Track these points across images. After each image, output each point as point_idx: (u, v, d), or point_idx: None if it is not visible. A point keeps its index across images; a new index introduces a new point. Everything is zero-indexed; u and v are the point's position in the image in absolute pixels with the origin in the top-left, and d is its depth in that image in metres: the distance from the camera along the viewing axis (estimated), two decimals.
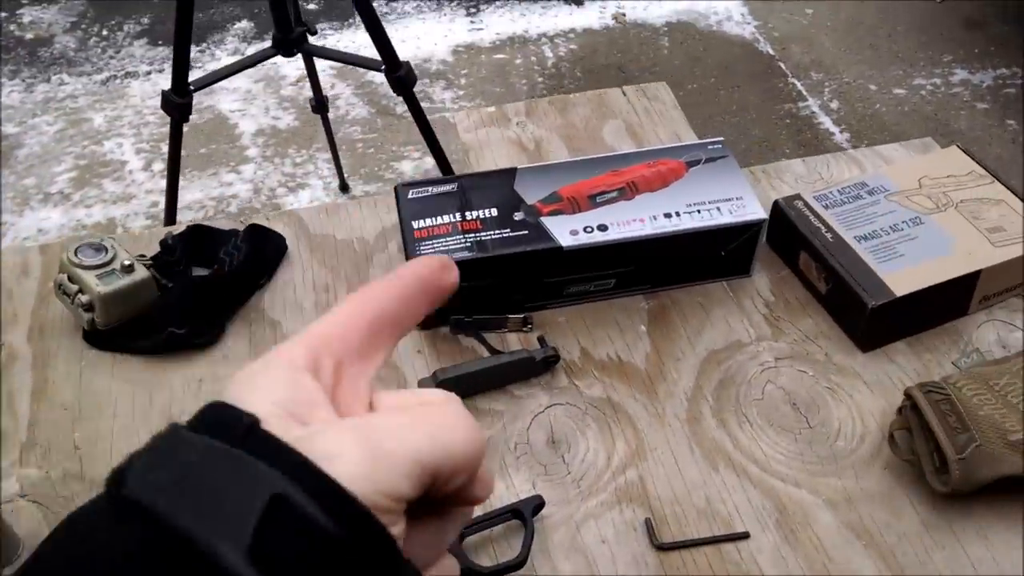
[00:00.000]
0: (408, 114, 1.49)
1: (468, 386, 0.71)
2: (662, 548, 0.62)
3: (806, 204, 0.80)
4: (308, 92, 1.87)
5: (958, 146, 0.85)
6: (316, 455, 0.25)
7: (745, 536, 0.63)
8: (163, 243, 0.79)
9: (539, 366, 0.73)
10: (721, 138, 0.82)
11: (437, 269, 0.34)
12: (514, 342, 0.76)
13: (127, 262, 0.74)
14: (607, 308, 0.79)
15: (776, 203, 0.80)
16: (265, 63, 2.41)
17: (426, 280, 0.33)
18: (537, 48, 2.53)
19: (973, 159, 0.83)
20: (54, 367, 0.75)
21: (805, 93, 2.36)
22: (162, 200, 2.07)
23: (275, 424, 0.26)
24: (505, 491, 0.66)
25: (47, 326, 0.78)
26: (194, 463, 0.25)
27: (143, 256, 0.78)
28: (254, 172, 2.14)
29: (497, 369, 0.71)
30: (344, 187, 2.05)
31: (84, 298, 0.73)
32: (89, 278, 0.73)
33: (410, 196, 0.78)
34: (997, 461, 0.61)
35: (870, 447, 0.68)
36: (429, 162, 2.14)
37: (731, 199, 0.77)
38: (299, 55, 1.25)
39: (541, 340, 0.75)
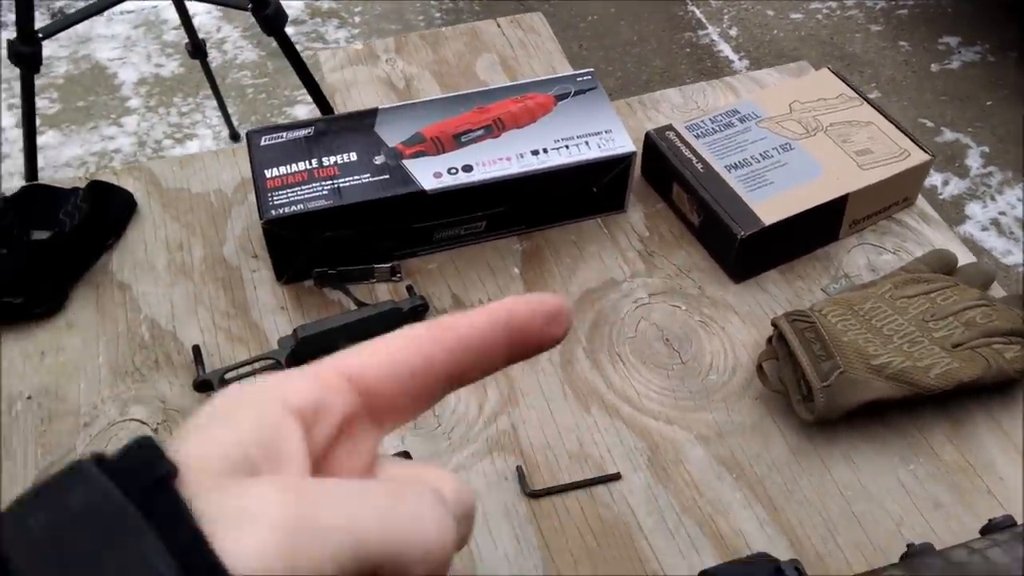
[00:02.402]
0: (302, 56, 1.40)
1: (332, 342, 0.68)
2: (533, 495, 0.61)
3: (677, 134, 0.78)
4: None
5: (829, 68, 0.84)
6: (226, 516, 0.20)
7: (616, 477, 0.62)
8: None
9: (407, 316, 0.70)
10: (591, 69, 0.79)
11: (539, 317, 0.27)
12: (383, 293, 0.73)
13: None
14: (479, 252, 0.76)
15: (648, 135, 0.78)
16: (144, 7, 2.27)
17: (518, 330, 0.26)
18: None
19: (844, 81, 0.82)
20: None
21: (705, 21, 2.35)
22: (39, 158, 1.96)
23: (211, 473, 0.21)
24: None
25: None
26: (77, 515, 0.20)
27: None
28: (138, 124, 2.03)
29: (362, 323, 0.68)
30: (235, 136, 1.96)
31: None
32: None
33: (263, 143, 0.73)
34: (861, 386, 0.61)
35: (741, 379, 0.68)
36: None
37: (600, 133, 0.74)
38: None
39: (409, 289, 0.72)
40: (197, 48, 1.58)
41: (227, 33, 2.25)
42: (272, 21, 1.14)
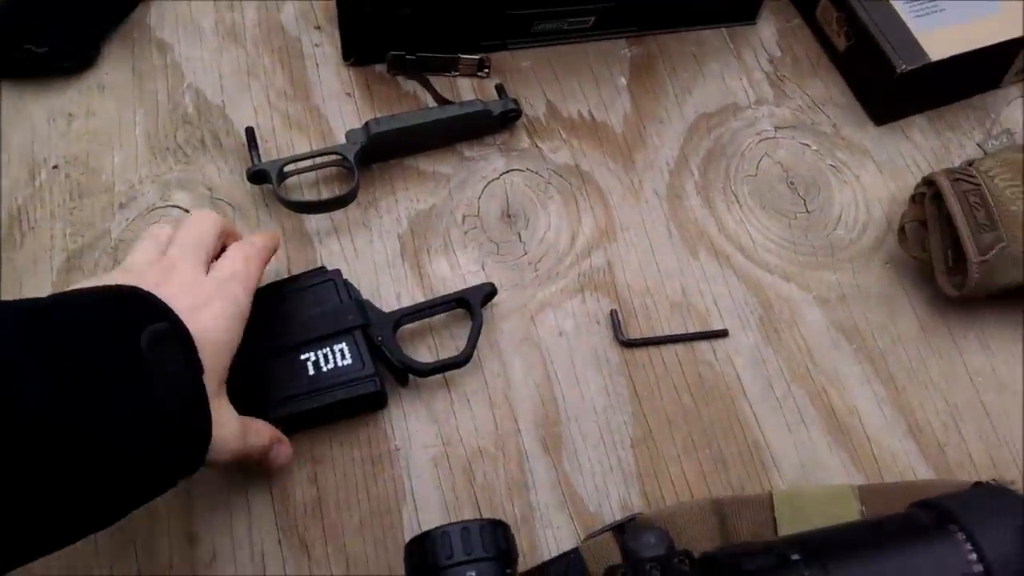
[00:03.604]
0: None
1: (407, 142, 0.58)
2: (628, 344, 0.54)
3: None
4: None
5: None
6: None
7: (723, 334, 0.55)
8: None
9: (496, 122, 0.60)
10: None
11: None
12: (466, 89, 0.62)
13: None
14: (581, 53, 0.65)
15: None
16: None
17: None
18: None
19: None
20: None
21: None
22: None
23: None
24: (450, 272, 0.55)
25: None
26: (175, 377, 0.37)
27: None
28: None
29: (445, 123, 0.58)
30: None
31: None
32: None
33: None
34: (1022, 266, 0.53)
35: (872, 238, 0.59)
36: None
37: None
38: None
39: (499, 89, 0.61)
40: None
41: None
42: None
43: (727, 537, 0.46)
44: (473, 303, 0.52)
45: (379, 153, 0.58)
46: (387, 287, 0.55)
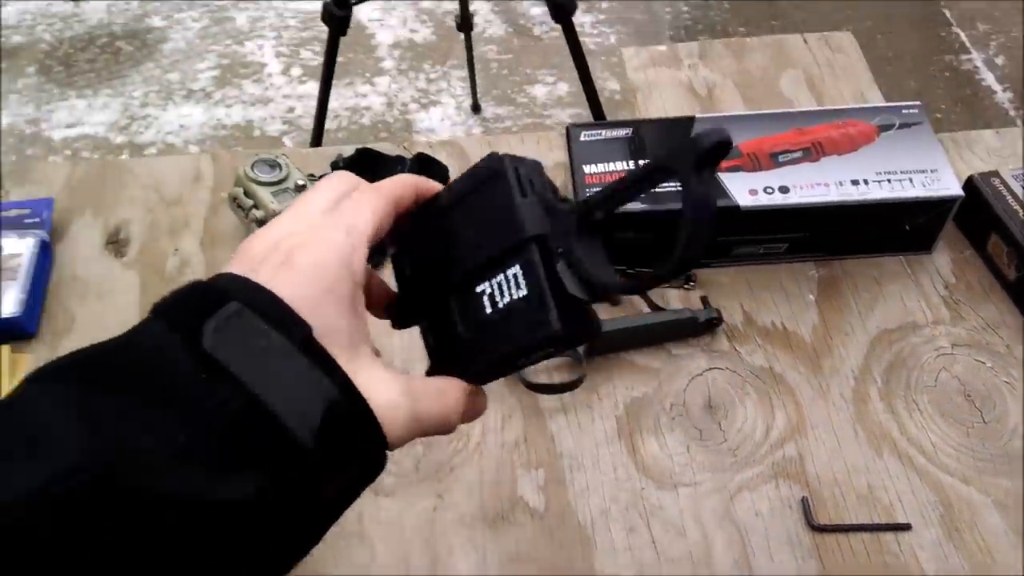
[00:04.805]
0: (546, 36, 1.42)
1: (626, 340, 0.70)
2: (818, 529, 0.61)
3: (1003, 182, 0.74)
4: (446, 5, 1.81)
5: None
6: (362, 380, 0.32)
7: (906, 527, 0.61)
8: (334, 165, 0.79)
9: (700, 327, 0.71)
10: (918, 103, 0.77)
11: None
12: (674, 298, 0.74)
13: (301, 182, 0.75)
14: (774, 272, 0.76)
15: (971, 179, 0.75)
16: None
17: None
18: None
19: None
20: None
21: (969, 45, 2.20)
22: (298, 106, 2.11)
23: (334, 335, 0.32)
24: (659, 451, 0.65)
25: (219, 236, 0.80)
26: (268, 353, 0.30)
27: (313, 176, 0.79)
28: (388, 85, 2.14)
29: (658, 327, 0.70)
30: (476, 107, 2.03)
31: (258, 213, 0.75)
32: (264, 195, 0.75)
33: (582, 138, 0.76)
34: None
35: None
36: (563, 88, 2.10)
37: (925, 171, 0.72)
38: None
39: (704, 300, 0.73)
40: (466, 21, 1.65)
41: (478, 6, 2.32)
42: (563, 8, 1.17)
43: None
44: (682, 170, 0.32)
45: (602, 348, 0.70)
46: (605, 460, 0.65)
